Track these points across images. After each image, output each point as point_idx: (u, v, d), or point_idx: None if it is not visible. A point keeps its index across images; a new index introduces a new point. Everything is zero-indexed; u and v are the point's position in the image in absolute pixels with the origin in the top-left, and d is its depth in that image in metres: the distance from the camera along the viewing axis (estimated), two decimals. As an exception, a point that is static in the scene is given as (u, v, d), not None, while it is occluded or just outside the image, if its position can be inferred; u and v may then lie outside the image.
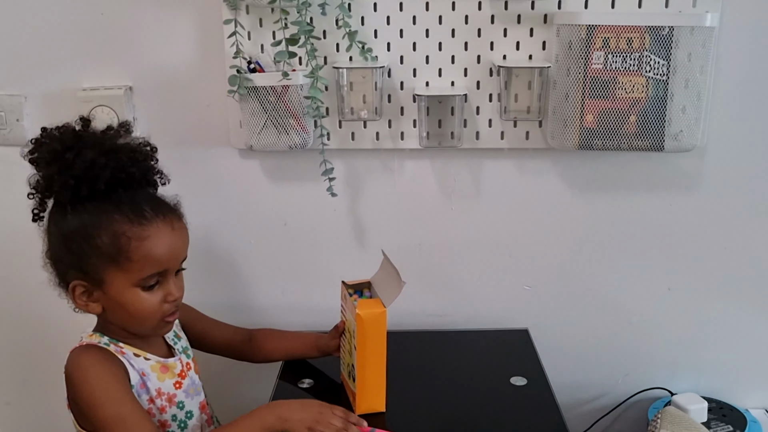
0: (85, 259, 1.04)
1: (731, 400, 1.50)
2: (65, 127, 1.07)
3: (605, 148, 1.32)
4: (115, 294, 1.05)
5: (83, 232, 1.04)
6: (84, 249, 1.04)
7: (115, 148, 1.06)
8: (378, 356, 1.14)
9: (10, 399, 1.60)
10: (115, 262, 1.04)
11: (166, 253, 1.06)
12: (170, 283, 1.08)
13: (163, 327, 1.11)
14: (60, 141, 1.05)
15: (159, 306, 1.07)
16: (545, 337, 1.44)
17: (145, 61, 1.41)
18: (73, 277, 1.06)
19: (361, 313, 1.11)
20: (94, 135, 1.08)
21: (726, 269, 1.46)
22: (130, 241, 1.03)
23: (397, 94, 1.38)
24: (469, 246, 1.48)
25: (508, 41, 1.34)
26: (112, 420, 1.01)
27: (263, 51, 1.36)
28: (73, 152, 1.03)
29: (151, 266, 1.05)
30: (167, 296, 1.08)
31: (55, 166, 1.03)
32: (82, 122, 1.09)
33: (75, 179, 1.02)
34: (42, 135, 1.07)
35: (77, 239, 1.04)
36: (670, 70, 1.28)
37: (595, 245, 1.47)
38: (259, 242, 1.50)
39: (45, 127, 1.08)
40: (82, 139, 1.05)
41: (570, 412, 1.19)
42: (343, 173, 1.44)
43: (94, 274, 1.05)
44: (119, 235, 1.03)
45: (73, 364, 1.06)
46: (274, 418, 1.03)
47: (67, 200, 1.04)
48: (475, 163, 1.43)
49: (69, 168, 1.02)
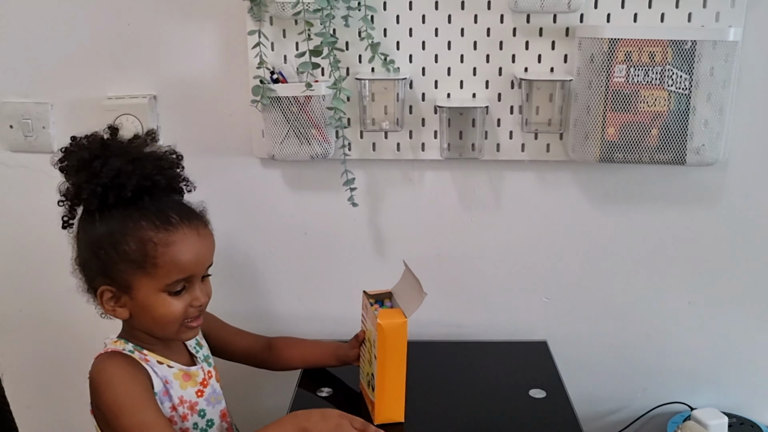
0: (113, 265, 1.06)
1: (752, 416, 1.49)
2: (93, 136, 1.09)
3: (626, 161, 1.32)
4: (142, 299, 1.07)
5: (110, 239, 1.05)
6: (111, 255, 1.06)
7: (141, 156, 1.08)
8: (398, 366, 1.14)
9: (31, 403, 1.61)
10: (141, 268, 1.05)
11: (192, 258, 1.08)
12: (196, 289, 1.09)
13: (188, 332, 1.12)
14: (88, 150, 1.07)
15: (185, 311, 1.09)
16: (564, 350, 1.44)
17: (169, 70, 1.42)
18: (101, 283, 1.08)
19: (382, 323, 1.11)
20: (120, 144, 1.10)
21: (747, 284, 1.46)
22: (156, 247, 1.05)
23: (418, 106, 1.39)
24: (488, 257, 1.48)
25: (530, 54, 1.35)
26: (136, 428, 1.02)
27: (286, 62, 1.37)
28: (100, 161, 1.05)
29: (178, 272, 1.06)
30: (193, 301, 1.09)
31: (83, 174, 1.05)
32: (110, 131, 1.11)
33: (102, 187, 1.04)
34: (71, 144, 1.09)
35: (105, 246, 1.06)
36: (693, 84, 1.28)
37: (615, 258, 1.46)
38: (280, 251, 1.51)
39: (74, 136, 1.10)
40: (109, 147, 1.08)
41: (588, 426, 1.18)
42: (363, 183, 1.44)
43: (121, 280, 1.06)
44: (146, 242, 1.05)
45: (97, 370, 1.07)
46: (296, 429, 1.03)
47: (95, 207, 1.06)
48: (496, 174, 1.43)
49: (96, 176, 1.04)
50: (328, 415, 1.06)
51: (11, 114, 1.47)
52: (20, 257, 1.55)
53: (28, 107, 1.46)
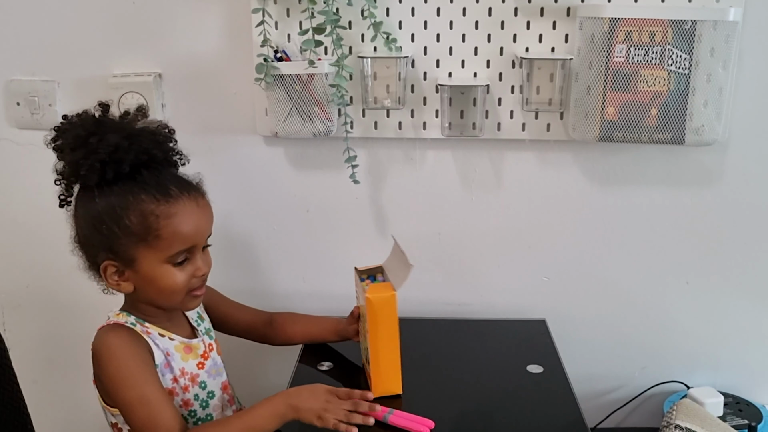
0: (115, 240, 1.07)
1: (748, 396, 1.50)
2: (86, 114, 1.09)
3: (626, 141, 1.33)
4: (146, 271, 1.08)
5: (111, 214, 1.06)
6: (113, 230, 1.06)
7: (136, 131, 1.09)
8: (390, 339, 1.16)
9: (38, 377, 1.64)
10: (144, 240, 1.06)
11: (193, 229, 1.09)
12: (198, 259, 1.11)
13: (193, 301, 1.14)
14: (83, 127, 1.07)
15: (188, 281, 1.10)
16: (562, 328, 1.45)
17: (174, 48, 1.44)
18: (104, 258, 1.08)
19: (371, 297, 1.13)
20: (114, 120, 1.10)
21: (745, 264, 1.47)
22: (158, 220, 1.06)
23: (420, 85, 1.40)
24: (488, 236, 1.50)
25: (531, 34, 1.36)
26: (137, 401, 1.04)
27: (290, 40, 1.38)
28: (96, 137, 1.05)
29: (180, 243, 1.08)
30: (196, 271, 1.11)
31: (80, 152, 1.05)
32: (102, 108, 1.11)
33: (101, 163, 1.04)
34: (63, 123, 1.09)
35: (106, 221, 1.06)
36: (693, 65, 1.28)
37: (614, 238, 1.48)
38: (282, 228, 1.53)
39: (66, 115, 1.10)
40: (103, 124, 1.08)
41: (586, 404, 1.19)
42: (365, 162, 1.46)
43: (125, 254, 1.07)
44: (147, 215, 1.06)
45: (100, 342, 1.09)
46: (286, 407, 1.05)
47: (93, 184, 1.06)
48: (496, 154, 1.44)
49: (94, 152, 1.04)
50: (316, 391, 1.08)
51: (18, 91, 1.49)
52: (27, 233, 1.58)
53: (35, 85, 1.48)
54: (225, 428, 1.05)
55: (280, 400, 1.06)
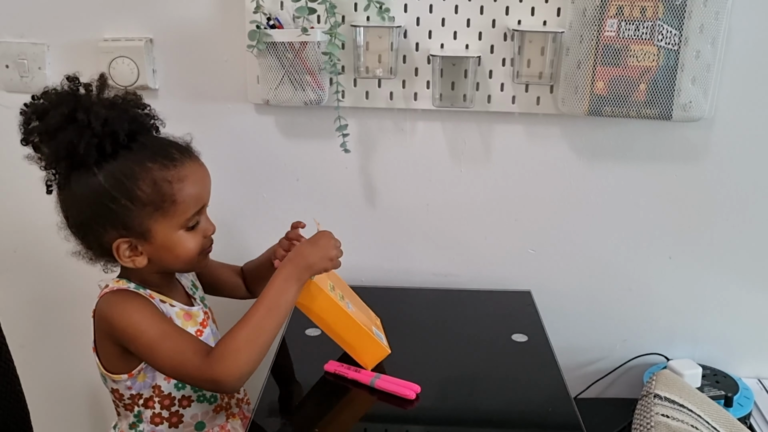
0: (127, 214, 1.03)
1: (726, 369, 1.53)
2: (55, 92, 1.04)
3: (614, 115, 1.35)
4: (162, 241, 1.06)
5: (120, 188, 1.02)
6: (124, 204, 1.03)
7: (115, 100, 1.05)
8: (340, 319, 1.16)
9: (25, 342, 1.64)
10: (160, 209, 1.04)
11: (203, 188, 1.10)
12: (204, 220, 1.12)
13: (204, 259, 1.15)
14: (64, 105, 1.01)
15: (201, 243, 1.11)
16: (547, 300, 1.48)
17: (166, 14, 1.43)
18: (114, 237, 1.05)
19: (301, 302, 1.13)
20: (89, 93, 1.05)
21: (727, 241, 1.49)
22: (171, 185, 1.04)
23: (412, 55, 1.40)
24: (476, 208, 1.51)
25: (524, 6, 1.36)
26: (159, 337, 1.03)
27: (283, 8, 1.38)
28: (82, 112, 1.00)
29: (194, 204, 1.07)
30: (205, 231, 1.12)
31: (71, 130, 1.00)
32: (69, 81, 1.05)
33: (97, 137, 1.00)
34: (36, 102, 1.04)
35: (114, 197, 1.02)
36: (682, 41, 1.30)
37: (599, 211, 1.50)
38: (272, 196, 1.53)
39: (26, 102, 1.04)
40: (81, 99, 1.03)
41: (568, 374, 1.22)
42: (355, 131, 1.46)
43: (139, 227, 1.05)
44: (160, 182, 1.04)
45: (108, 304, 1.07)
46: (298, 270, 1.08)
47: (92, 161, 1.02)
48: (486, 126, 1.46)
49: (88, 128, 1.00)
50: (314, 241, 1.12)
51: (7, 54, 1.48)
52: (14, 198, 1.57)
53: (24, 47, 1.47)
54: (251, 320, 1.04)
55: (290, 268, 1.08)
